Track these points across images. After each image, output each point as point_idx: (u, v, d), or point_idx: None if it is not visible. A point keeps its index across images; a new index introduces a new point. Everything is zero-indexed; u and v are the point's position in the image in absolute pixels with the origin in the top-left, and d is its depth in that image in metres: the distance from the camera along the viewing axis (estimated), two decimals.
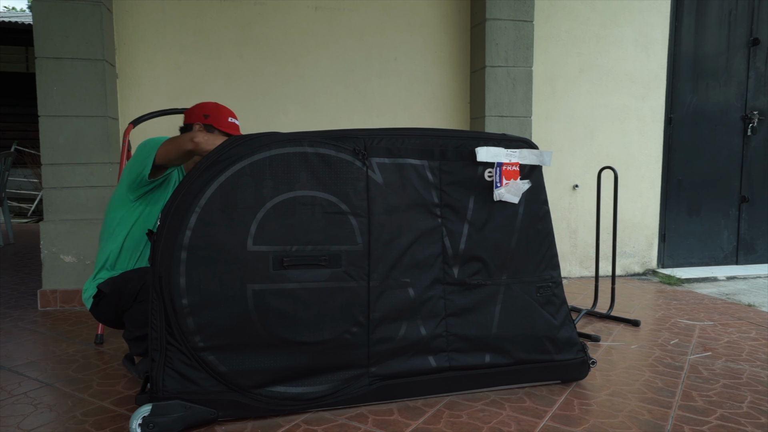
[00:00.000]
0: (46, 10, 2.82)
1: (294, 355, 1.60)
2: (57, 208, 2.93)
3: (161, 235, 1.51)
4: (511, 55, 3.46)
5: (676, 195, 4.12)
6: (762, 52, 4.18)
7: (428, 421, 1.59)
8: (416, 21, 3.58)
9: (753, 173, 4.26)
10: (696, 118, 4.11)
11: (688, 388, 1.85)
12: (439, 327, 1.73)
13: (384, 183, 1.67)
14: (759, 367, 2.06)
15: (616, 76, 3.89)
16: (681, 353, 2.22)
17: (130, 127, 2.66)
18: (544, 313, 1.83)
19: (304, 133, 1.62)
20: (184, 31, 3.26)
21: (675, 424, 1.58)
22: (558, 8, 3.75)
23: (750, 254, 4.32)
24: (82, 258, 2.94)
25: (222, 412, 1.55)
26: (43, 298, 2.90)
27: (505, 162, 1.76)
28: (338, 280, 1.62)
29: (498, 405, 1.71)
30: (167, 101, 3.25)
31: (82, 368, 2.02)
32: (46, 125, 2.88)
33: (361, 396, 1.66)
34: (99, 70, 2.91)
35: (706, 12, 4.06)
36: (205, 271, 1.52)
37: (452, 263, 1.75)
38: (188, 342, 1.51)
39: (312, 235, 1.60)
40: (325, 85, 3.46)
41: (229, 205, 1.54)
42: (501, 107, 3.48)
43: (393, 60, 3.56)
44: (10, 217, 5.53)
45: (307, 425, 1.56)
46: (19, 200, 8.34)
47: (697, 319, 2.76)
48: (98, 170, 2.94)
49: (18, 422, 1.58)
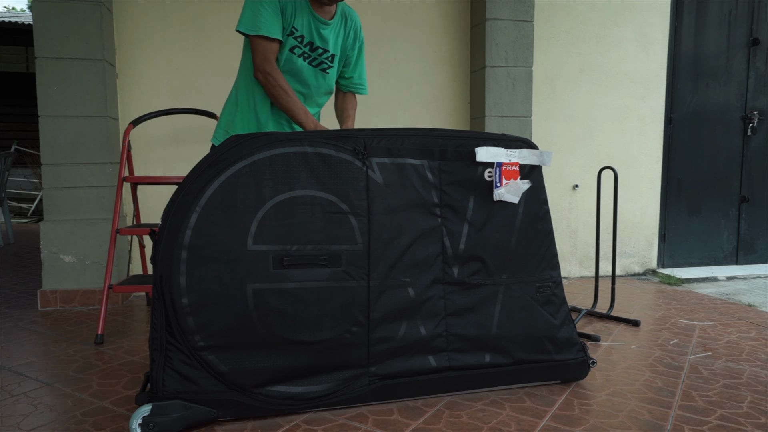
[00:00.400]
0: (46, 10, 2.82)
1: (294, 355, 1.60)
2: (57, 208, 2.93)
3: (162, 235, 1.51)
4: (511, 55, 3.46)
5: (676, 195, 4.12)
6: (762, 52, 4.18)
7: (428, 421, 1.59)
8: (416, 21, 3.58)
9: (753, 173, 4.26)
10: (696, 118, 4.11)
11: (688, 388, 1.85)
12: (438, 327, 1.73)
13: (384, 183, 1.67)
14: (759, 367, 2.06)
15: (616, 76, 3.89)
16: (681, 353, 2.22)
17: (130, 127, 2.66)
18: (544, 313, 1.83)
19: (304, 133, 1.62)
20: (184, 31, 3.26)
21: (675, 424, 1.58)
22: (558, 8, 3.76)
23: (750, 254, 4.32)
24: (82, 258, 2.94)
25: (222, 412, 1.55)
26: (43, 298, 2.90)
27: (505, 162, 1.76)
28: (338, 279, 1.63)
29: (498, 405, 1.71)
30: (167, 101, 3.25)
31: (82, 368, 2.02)
32: (46, 125, 2.88)
33: (360, 396, 1.67)
34: (99, 70, 2.91)
35: (706, 12, 4.06)
36: (206, 271, 1.52)
37: (452, 263, 1.75)
38: (188, 341, 1.51)
39: (312, 235, 1.60)
40: None
41: (230, 205, 1.54)
42: (501, 107, 3.48)
43: (393, 60, 3.56)
44: (10, 217, 5.53)
45: (307, 425, 1.56)
46: (19, 200, 8.34)
47: (697, 319, 2.76)
48: (98, 170, 2.95)
49: (18, 422, 1.58)
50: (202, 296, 1.51)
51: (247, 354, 1.56)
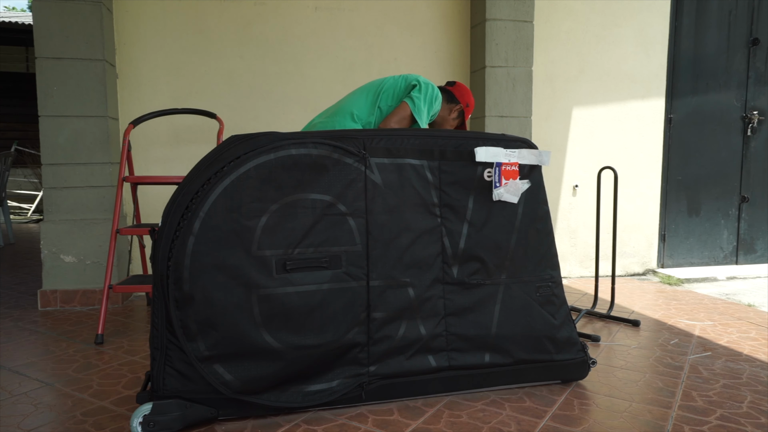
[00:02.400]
0: (46, 10, 2.82)
1: (296, 357, 1.59)
2: (57, 208, 2.93)
3: (162, 235, 1.51)
4: (511, 55, 3.46)
5: (676, 195, 4.12)
6: (762, 52, 4.18)
7: (428, 421, 1.59)
8: (416, 21, 3.58)
9: (753, 173, 4.26)
10: (696, 118, 4.11)
11: (688, 388, 1.85)
12: (438, 326, 1.73)
13: (383, 183, 1.67)
14: (759, 367, 2.06)
15: (616, 76, 3.89)
16: (681, 353, 2.22)
17: (130, 127, 2.66)
18: (543, 313, 1.83)
19: (303, 133, 1.62)
20: (184, 31, 3.26)
21: (675, 424, 1.58)
22: (558, 8, 3.76)
23: (750, 254, 4.32)
24: (82, 258, 2.94)
25: (222, 411, 1.55)
26: (43, 298, 2.90)
27: (504, 162, 1.76)
28: (339, 281, 1.62)
29: (498, 405, 1.71)
30: (167, 101, 3.25)
31: (82, 368, 2.02)
32: (46, 125, 2.88)
33: (360, 396, 1.67)
34: (99, 70, 2.91)
35: (706, 12, 4.06)
36: (210, 279, 1.51)
37: (452, 263, 1.75)
38: (193, 351, 1.51)
39: (312, 238, 1.60)
40: (325, 85, 3.46)
41: (234, 209, 1.52)
42: (501, 107, 3.48)
43: (393, 60, 3.56)
44: (10, 217, 5.53)
45: (307, 425, 1.56)
46: (19, 200, 8.34)
47: (697, 319, 2.76)
48: (98, 170, 2.95)
49: (18, 422, 1.58)
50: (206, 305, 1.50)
51: (253, 363, 1.55)
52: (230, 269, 1.52)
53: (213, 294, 1.50)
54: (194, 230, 1.49)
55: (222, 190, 1.52)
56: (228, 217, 1.52)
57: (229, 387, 1.53)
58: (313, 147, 1.61)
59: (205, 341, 1.50)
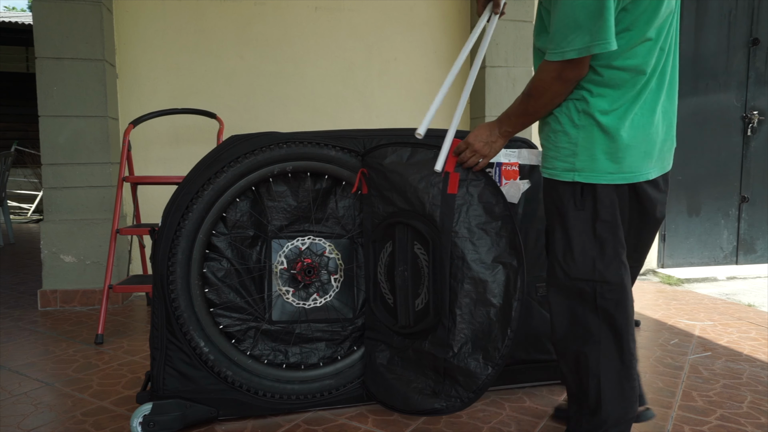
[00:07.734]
0: (46, 10, 2.82)
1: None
2: (57, 208, 2.93)
3: (162, 235, 1.51)
4: (511, 55, 3.46)
5: (676, 195, 4.11)
6: (762, 52, 4.18)
7: (428, 421, 1.59)
8: (416, 21, 3.58)
9: (753, 173, 4.25)
10: (696, 118, 4.11)
11: (688, 388, 1.85)
12: None
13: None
14: (759, 367, 2.06)
15: None
16: (681, 353, 2.22)
17: (130, 127, 2.66)
18: (543, 313, 1.83)
19: (303, 134, 1.62)
20: (184, 31, 3.26)
21: (675, 424, 1.58)
22: None
23: (750, 254, 4.32)
24: (82, 258, 2.94)
25: (222, 411, 1.55)
26: (43, 298, 2.90)
27: (505, 162, 1.76)
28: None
29: (498, 405, 1.70)
30: (167, 101, 3.25)
31: (82, 368, 2.02)
32: (46, 125, 2.88)
33: (361, 396, 1.67)
34: (99, 70, 2.91)
35: (706, 12, 4.06)
36: None
37: None
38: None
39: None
40: (325, 85, 3.46)
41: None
42: (501, 107, 3.48)
43: (393, 60, 3.56)
44: (10, 217, 5.53)
45: (307, 425, 1.56)
46: (19, 200, 8.34)
47: (697, 319, 2.76)
48: (98, 170, 2.94)
49: (18, 422, 1.58)
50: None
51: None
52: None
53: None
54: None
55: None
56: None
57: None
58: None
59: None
